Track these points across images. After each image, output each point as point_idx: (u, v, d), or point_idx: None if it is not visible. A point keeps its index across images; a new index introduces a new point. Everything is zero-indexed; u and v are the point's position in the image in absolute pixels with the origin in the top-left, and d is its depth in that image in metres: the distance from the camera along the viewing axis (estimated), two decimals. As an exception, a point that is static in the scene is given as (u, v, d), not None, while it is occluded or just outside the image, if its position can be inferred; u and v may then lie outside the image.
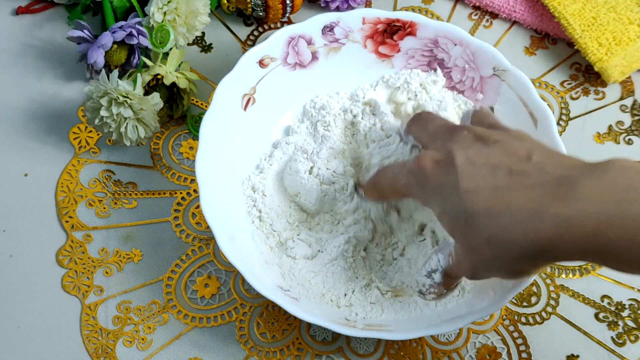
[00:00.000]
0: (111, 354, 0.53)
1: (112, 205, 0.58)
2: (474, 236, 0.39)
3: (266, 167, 0.56)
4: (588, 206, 0.35)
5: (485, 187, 0.39)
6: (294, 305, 0.48)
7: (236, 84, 0.55)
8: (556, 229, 0.36)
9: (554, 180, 0.37)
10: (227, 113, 0.55)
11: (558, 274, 0.56)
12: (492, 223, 0.38)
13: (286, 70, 0.58)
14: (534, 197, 0.37)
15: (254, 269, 0.50)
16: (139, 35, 0.58)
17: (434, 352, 0.53)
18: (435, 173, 0.42)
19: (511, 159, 0.40)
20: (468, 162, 0.41)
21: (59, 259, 0.56)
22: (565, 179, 0.36)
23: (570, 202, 0.35)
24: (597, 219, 0.35)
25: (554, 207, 0.36)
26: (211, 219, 0.50)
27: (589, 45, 0.63)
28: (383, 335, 0.48)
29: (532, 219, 0.36)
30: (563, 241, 0.36)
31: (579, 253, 0.36)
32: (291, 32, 0.57)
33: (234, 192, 0.55)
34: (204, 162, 0.52)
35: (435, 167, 0.42)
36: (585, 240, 0.35)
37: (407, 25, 0.58)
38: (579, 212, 0.35)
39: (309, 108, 0.58)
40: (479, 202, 0.39)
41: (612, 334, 0.54)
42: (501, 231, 0.38)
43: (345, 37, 0.58)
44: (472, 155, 0.41)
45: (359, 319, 0.50)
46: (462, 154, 0.41)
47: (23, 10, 0.67)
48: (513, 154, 0.40)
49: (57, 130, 0.62)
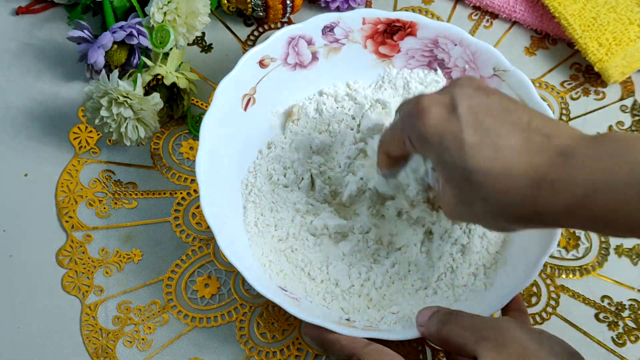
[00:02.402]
0: (111, 354, 0.53)
1: (112, 205, 0.58)
2: (470, 191, 0.39)
3: (263, 166, 0.56)
4: (579, 174, 0.36)
5: (488, 144, 0.38)
6: (295, 305, 0.48)
7: (236, 84, 0.55)
8: (551, 196, 0.37)
9: (554, 149, 0.37)
10: (228, 113, 0.55)
11: (558, 275, 0.56)
12: (491, 183, 0.38)
13: (286, 71, 0.58)
14: (535, 164, 0.37)
15: (254, 270, 0.50)
16: (139, 36, 0.58)
17: (434, 352, 0.53)
18: (435, 117, 0.40)
19: (512, 118, 0.39)
20: (471, 111, 0.39)
21: (59, 259, 0.56)
22: (565, 149, 0.37)
23: (566, 170, 0.37)
24: (586, 185, 0.36)
25: (552, 174, 0.37)
26: (211, 220, 0.50)
27: (589, 46, 0.63)
28: (383, 335, 0.48)
29: (531, 187, 0.37)
30: (556, 208, 0.37)
31: (571, 220, 0.38)
32: (291, 33, 0.57)
33: (234, 193, 0.55)
34: (204, 163, 0.52)
35: (435, 110, 0.40)
36: (575, 206, 0.36)
37: (407, 25, 0.58)
38: (572, 179, 0.36)
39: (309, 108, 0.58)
40: (480, 159, 0.38)
41: (612, 334, 0.54)
42: (499, 193, 0.38)
43: (346, 37, 0.58)
44: (476, 105, 0.39)
45: (358, 319, 0.50)
46: (466, 102, 0.40)
47: (23, 10, 0.67)
48: (513, 113, 0.39)
49: (57, 130, 0.62)
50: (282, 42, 0.57)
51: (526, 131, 0.38)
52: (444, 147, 0.39)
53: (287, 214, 0.54)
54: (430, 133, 0.40)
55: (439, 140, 0.40)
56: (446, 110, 0.40)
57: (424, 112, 0.40)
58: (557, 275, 0.56)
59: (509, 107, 0.40)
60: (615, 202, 0.35)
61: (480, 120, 0.39)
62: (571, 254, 0.57)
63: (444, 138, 0.39)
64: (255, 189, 0.55)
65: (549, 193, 0.37)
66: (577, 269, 0.57)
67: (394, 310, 0.51)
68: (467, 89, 0.41)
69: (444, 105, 0.40)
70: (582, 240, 0.58)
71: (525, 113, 0.40)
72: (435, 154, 0.40)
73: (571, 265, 0.57)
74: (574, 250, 0.57)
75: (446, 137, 0.39)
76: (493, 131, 0.38)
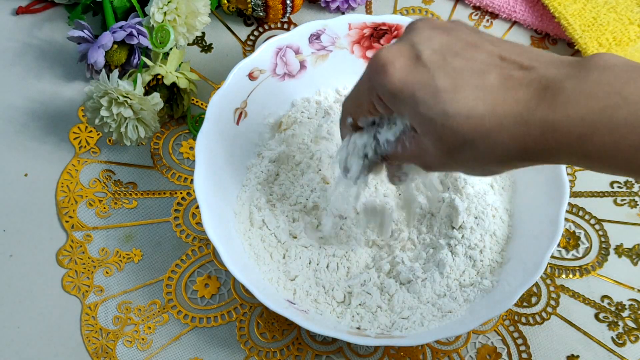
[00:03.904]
0: (111, 354, 0.53)
1: (112, 205, 0.58)
2: (452, 138, 0.37)
3: (258, 176, 0.56)
4: (573, 112, 0.34)
5: (464, 85, 0.36)
6: (305, 319, 0.48)
7: (228, 99, 0.55)
8: (542, 134, 0.35)
9: (538, 83, 0.35)
10: (222, 130, 0.55)
11: (558, 275, 0.56)
12: (474, 126, 0.36)
13: (276, 81, 0.58)
14: (521, 100, 0.35)
15: (261, 285, 0.50)
16: (139, 35, 0.58)
17: (434, 352, 0.53)
18: (401, 70, 0.37)
19: (481, 53, 0.37)
20: (436, 55, 0.37)
21: (59, 259, 0.56)
22: (550, 81, 0.35)
23: (557, 107, 0.35)
24: (582, 125, 0.34)
25: (540, 111, 0.35)
26: (216, 240, 0.49)
27: (589, 46, 0.63)
28: (396, 342, 0.47)
29: (518, 124, 0.35)
30: (549, 146, 0.35)
31: (564, 157, 0.36)
32: (279, 43, 0.57)
33: (234, 208, 0.54)
34: (203, 185, 0.51)
35: (399, 63, 0.38)
36: (570, 145, 0.35)
37: (393, 28, 0.58)
38: (565, 117, 0.34)
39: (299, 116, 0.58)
40: (459, 103, 0.36)
41: (612, 334, 0.54)
42: (485, 136, 0.36)
43: (332, 44, 0.58)
44: (439, 47, 0.37)
45: (369, 327, 0.50)
46: (428, 46, 0.37)
47: (23, 10, 0.67)
48: (480, 47, 0.37)
49: (57, 130, 0.62)
50: (269, 53, 0.57)
51: (500, 66, 0.36)
52: (417, 99, 0.37)
53: (285, 228, 0.54)
54: (399, 88, 0.37)
55: (410, 94, 0.37)
56: (410, 61, 0.37)
57: (387, 67, 0.38)
58: (557, 275, 0.56)
59: (475, 42, 0.38)
60: (616, 143, 0.34)
61: (449, 62, 0.37)
62: (571, 254, 0.57)
63: (415, 90, 0.37)
64: (252, 205, 0.55)
65: (539, 131, 0.35)
66: (577, 269, 0.57)
67: (405, 315, 0.51)
68: (425, 31, 0.38)
69: (407, 56, 0.37)
70: (582, 240, 0.58)
71: (494, 44, 0.38)
72: (410, 108, 0.38)
73: (571, 265, 0.57)
74: (574, 250, 0.57)
75: (417, 88, 0.37)
76: (466, 71, 0.36)
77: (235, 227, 0.53)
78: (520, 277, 0.49)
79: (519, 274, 0.50)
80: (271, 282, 0.52)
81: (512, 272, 0.51)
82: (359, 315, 0.51)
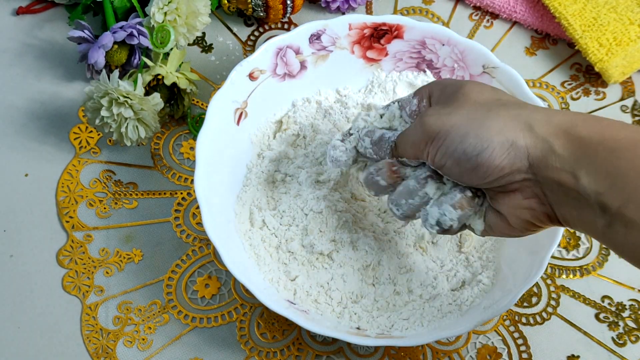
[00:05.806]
0: (111, 354, 0.53)
1: (112, 206, 0.58)
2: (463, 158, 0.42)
3: (258, 176, 0.56)
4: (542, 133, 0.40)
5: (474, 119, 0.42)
6: (306, 319, 0.48)
7: (228, 99, 0.55)
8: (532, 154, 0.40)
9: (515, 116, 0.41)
10: (222, 130, 0.55)
11: (559, 275, 0.56)
12: (479, 146, 0.41)
13: (276, 82, 0.58)
14: (510, 129, 0.41)
15: (261, 285, 0.50)
16: (140, 36, 0.58)
17: (434, 353, 0.53)
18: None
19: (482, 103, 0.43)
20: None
21: (60, 259, 0.56)
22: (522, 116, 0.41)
23: (532, 134, 0.40)
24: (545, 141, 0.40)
25: (524, 139, 0.40)
26: (217, 242, 0.49)
27: (589, 46, 0.63)
28: (396, 342, 0.48)
29: (510, 148, 0.41)
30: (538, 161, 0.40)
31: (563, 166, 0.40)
32: (279, 43, 0.57)
33: (234, 209, 0.54)
34: (203, 186, 0.51)
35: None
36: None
37: (393, 28, 0.58)
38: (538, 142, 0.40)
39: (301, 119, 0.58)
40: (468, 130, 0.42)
41: (613, 335, 0.54)
42: (488, 156, 0.41)
43: (333, 44, 0.58)
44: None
45: (369, 327, 0.50)
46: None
47: (23, 10, 0.67)
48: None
49: (58, 130, 0.62)
50: (270, 53, 0.57)
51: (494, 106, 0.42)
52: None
53: (289, 227, 0.54)
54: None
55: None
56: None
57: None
58: (558, 276, 0.56)
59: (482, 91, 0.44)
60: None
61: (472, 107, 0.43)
62: (571, 254, 0.57)
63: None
64: (252, 205, 0.55)
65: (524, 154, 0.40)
66: (578, 269, 0.57)
67: (405, 316, 0.51)
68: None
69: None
70: (583, 241, 0.58)
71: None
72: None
73: (571, 265, 0.57)
74: (574, 251, 0.57)
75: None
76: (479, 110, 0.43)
77: (236, 227, 0.54)
78: (521, 277, 0.49)
79: (519, 274, 0.50)
80: (271, 282, 0.52)
81: (513, 273, 0.51)
82: (356, 315, 0.51)
